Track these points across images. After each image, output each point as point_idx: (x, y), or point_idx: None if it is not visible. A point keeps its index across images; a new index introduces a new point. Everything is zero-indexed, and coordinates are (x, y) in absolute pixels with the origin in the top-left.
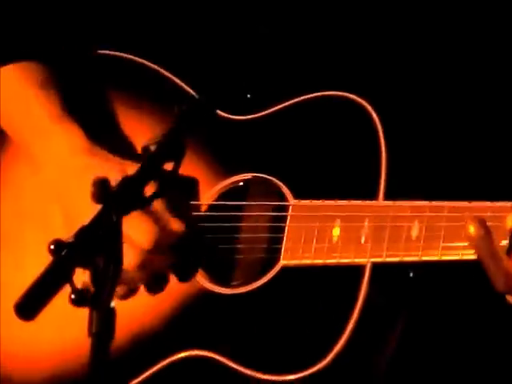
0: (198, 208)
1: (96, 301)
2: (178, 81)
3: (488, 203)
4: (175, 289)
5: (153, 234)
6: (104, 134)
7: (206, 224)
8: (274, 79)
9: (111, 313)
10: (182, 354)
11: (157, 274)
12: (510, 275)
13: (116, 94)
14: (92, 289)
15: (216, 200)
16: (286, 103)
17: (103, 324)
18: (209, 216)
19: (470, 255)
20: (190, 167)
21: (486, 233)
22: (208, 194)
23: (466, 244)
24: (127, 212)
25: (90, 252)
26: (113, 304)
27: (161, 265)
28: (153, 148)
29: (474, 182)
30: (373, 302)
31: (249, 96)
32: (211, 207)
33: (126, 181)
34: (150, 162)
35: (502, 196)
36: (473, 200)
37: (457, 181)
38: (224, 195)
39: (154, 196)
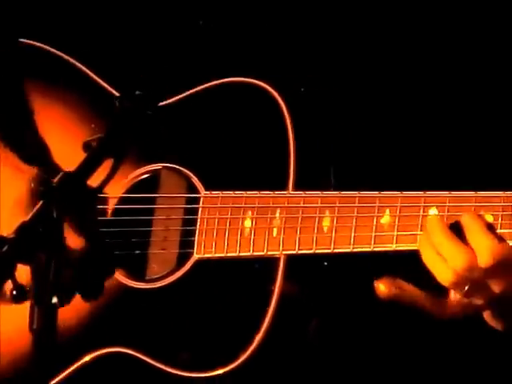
0: (109, 201)
1: (37, 297)
2: (101, 81)
3: (398, 193)
4: None
5: None
6: (20, 140)
7: (118, 218)
8: (181, 66)
9: (53, 309)
10: (102, 351)
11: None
12: (437, 303)
13: (37, 94)
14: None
15: (128, 191)
16: (194, 90)
17: (45, 320)
18: (120, 209)
19: (382, 247)
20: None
21: (396, 285)
22: (120, 185)
23: (377, 234)
24: (68, 208)
25: (30, 248)
26: (54, 300)
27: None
28: (94, 144)
29: (384, 170)
30: (289, 293)
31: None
32: (123, 200)
33: (67, 176)
34: (91, 158)
35: (412, 185)
36: (383, 189)
37: (367, 169)
38: (136, 186)
39: (97, 191)
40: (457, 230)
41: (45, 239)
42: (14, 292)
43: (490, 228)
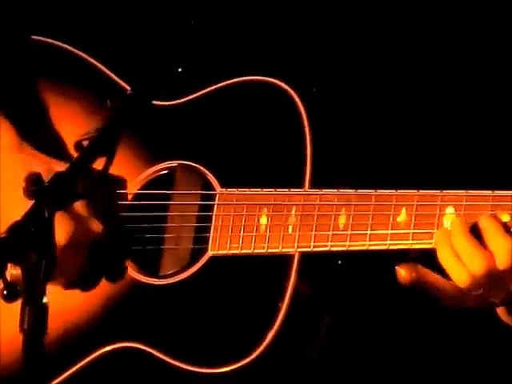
0: (124, 197)
1: (28, 297)
2: (112, 75)
3: (415, 191)
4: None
5: (70, 231)
6: (35, 131)
7: (132, 213)
8: (197, 64)
9: (43, 309)
10: (113, 346)
11: (81, 272)
12: (456, 293)
13: (49, 89)
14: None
15: (143, 188)
16: (210, 88)
17: (35, 320)
18: (135, 205)
19: (398, 245)
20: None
21: (417, 271)
22: (134, 182)
23: (393, 232)
24: (59, 207)
25: (22, 248)
26: (45, 300)
27: (77, 262)
28: (85, 144)
29: (401, 170)
30: (302, 291)
31: (180, 70)
32: (138, 196)
33: (58, 176)
34: (82, 158)
35: (428, 184)
36: (399, 188)
37: (383, 168)
38: (151, 183)
39: (86, 192)
40: (474, 232)
41: (36, 239)
42: (5, 292)
43: (508, 230)
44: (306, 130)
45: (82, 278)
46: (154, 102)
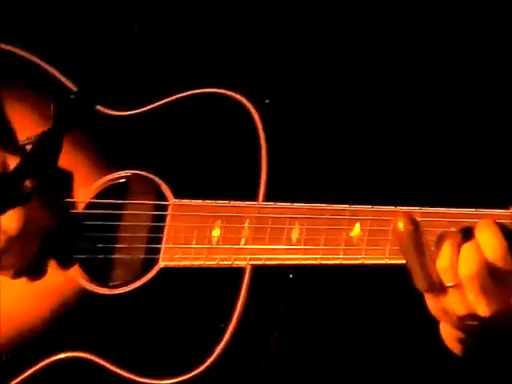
0: (76, 205)
1: None
2: (61, 77)
3: (369, 207)
4: (55, 288)
5: (21, 221)
6: None
7: (84, 222)
8: (154, 74)
9: None
10: (61, 356)
11: (30, 261)
12: (433, 274)
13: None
14: None
15: (96, 197)
16: (168, 99)
17: None
18: (88, 214)
19: (350, 259)
20: (70, 162)
21: (416, 229)
22: (88, 190)
23: (345, 247)
24: (1, 211)
25: None
26: None
27: (27, 251)
28: (28, 148)
29: (356, 185)
30: (253, 304)
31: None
32: (90, 205)
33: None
34: (25, 162)
35: (384, 199)
36: (354, 203)
37: (339, 183)
38: (104, 192)
39: (30, 196)
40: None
41: None
42: None
43: None
44: (262, 142)
45: (31, 266)
46: (111, 112)
